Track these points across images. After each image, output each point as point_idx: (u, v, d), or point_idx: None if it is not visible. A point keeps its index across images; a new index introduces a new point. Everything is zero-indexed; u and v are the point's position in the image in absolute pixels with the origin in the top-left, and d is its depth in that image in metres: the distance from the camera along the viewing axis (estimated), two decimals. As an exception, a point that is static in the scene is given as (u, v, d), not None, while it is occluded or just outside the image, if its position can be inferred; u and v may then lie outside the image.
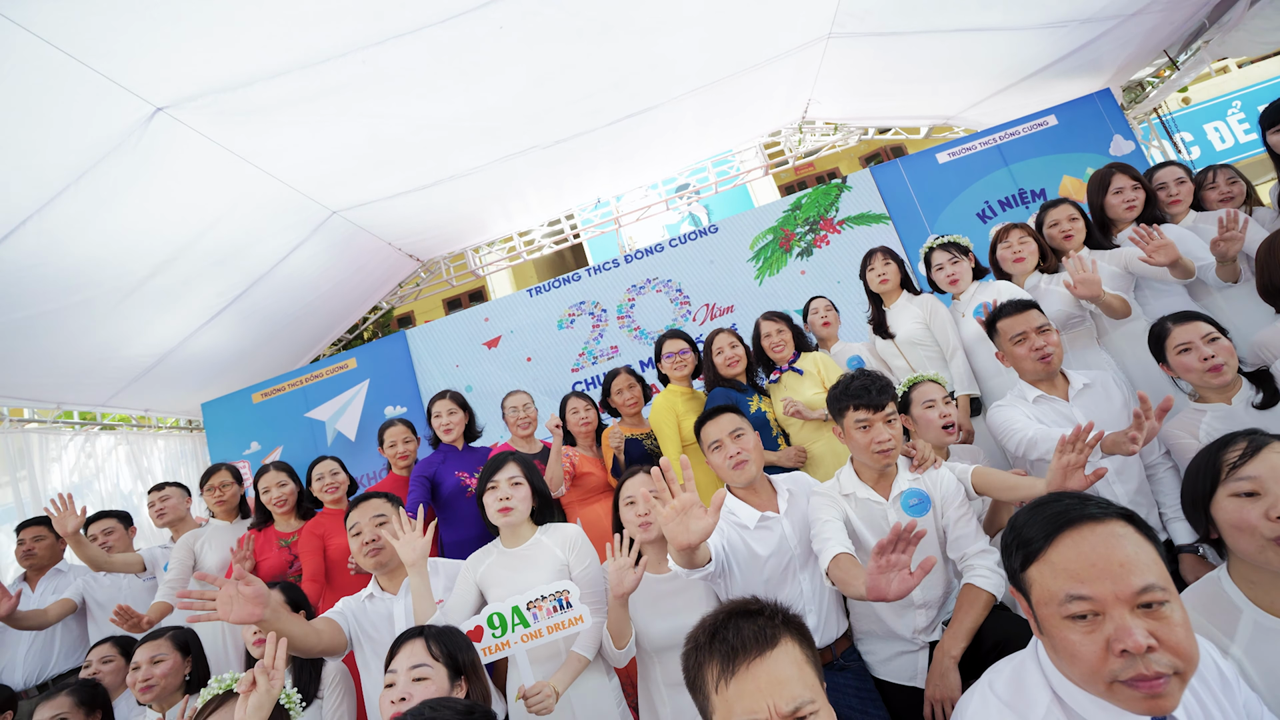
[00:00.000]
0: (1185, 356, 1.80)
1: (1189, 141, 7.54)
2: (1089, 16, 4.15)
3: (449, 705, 1.03)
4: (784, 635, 0.92)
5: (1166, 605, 0.83)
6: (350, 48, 3.13)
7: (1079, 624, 0.86)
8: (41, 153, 3.00)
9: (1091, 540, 0.88)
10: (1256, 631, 1.09)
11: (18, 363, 4.05)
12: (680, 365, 2.85)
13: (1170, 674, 0.81)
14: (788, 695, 0.86)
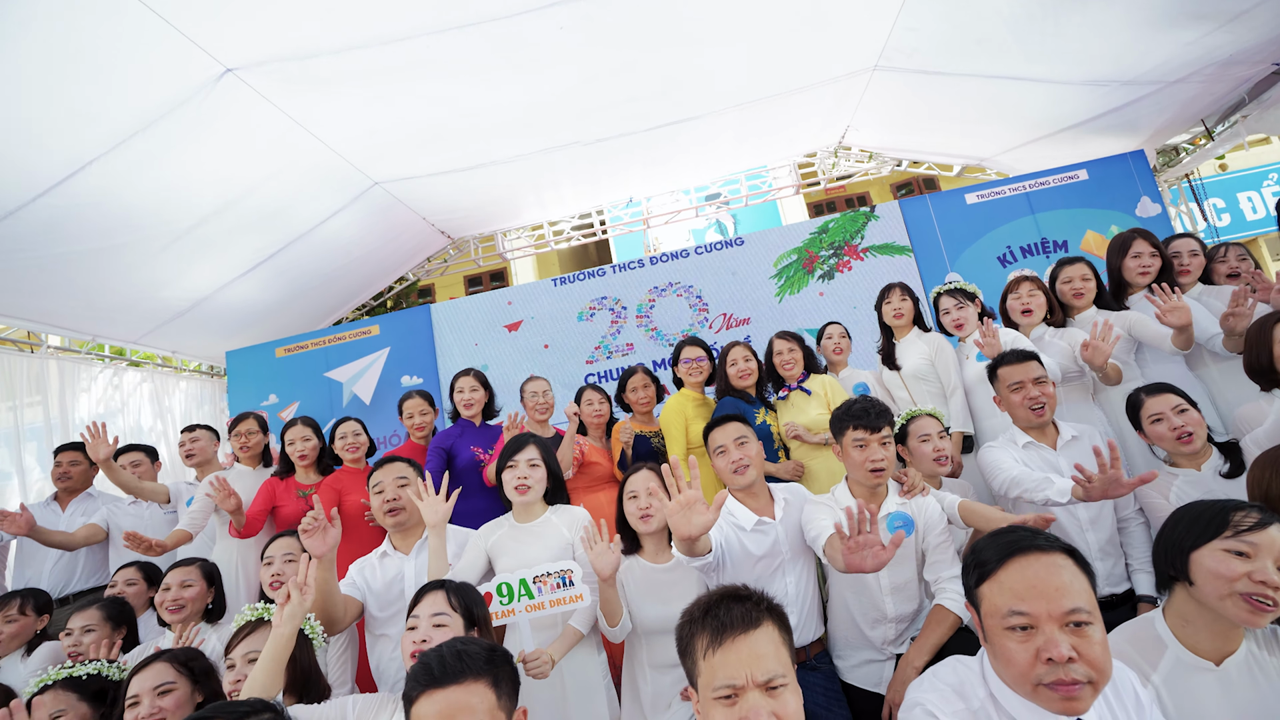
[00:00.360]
0: (1157, 426, 1.96)
1: (1221, 208, 7.63)
2: (1131, 79, 4.27)
3: (476, 642, 1.20)
4: (766, 619, 1.10)
5: (1090, 626, 1.00)
6: (415, 33, 3.31)
7: (1016, 634, 1.03)
8: (116, 100, 3.20)
9: (1035, 567, 1.05)
10: (1176, 666, 1.26)
11: (62, 293, 4.26)
12: (696, 371, 3.02)
13: (1085, 682, 0.98)
14: (764, 668, 1.03)
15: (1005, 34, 4.06)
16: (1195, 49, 3.95)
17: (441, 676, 1.10)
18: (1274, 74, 4.16)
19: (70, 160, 3.37)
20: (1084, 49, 4.09)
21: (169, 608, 2.30)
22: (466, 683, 1.10)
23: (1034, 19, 3.88)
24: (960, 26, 4.06)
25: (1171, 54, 4.02)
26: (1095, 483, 1.59)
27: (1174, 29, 3.82)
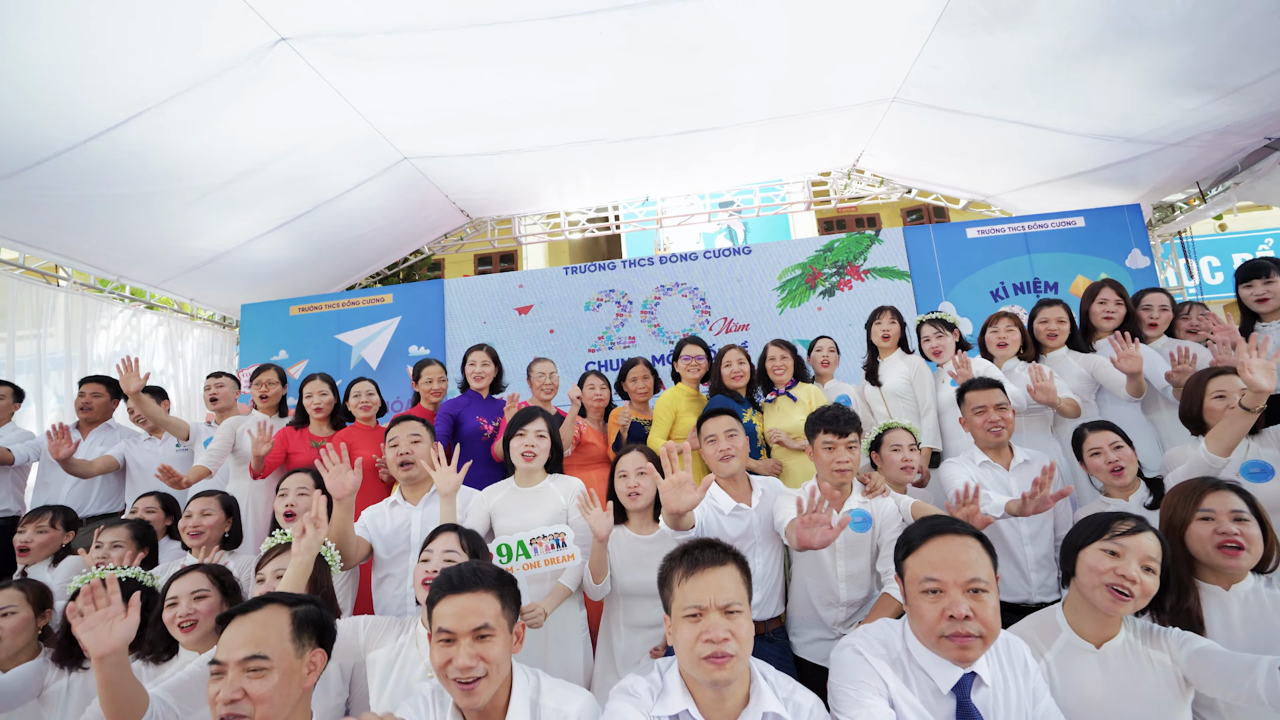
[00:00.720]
0: (1095, 459, 2.22)
1: (1215, 266, 7.92)
2: (1133, 137, 4.54)
3: (489, 565, 1.45)
4: (731, 561, 1.34)
5: (986, 594, 1.26)
6: (464, 24, 3.54)
7: (929, 596, 1.29)
8: (175, 57, 3.42)
9: (949, 545, 1.31)
10: (1066, 647, 1.52)
11: (93, 233, 4.48)
12: (694, 369, 3.28)
13: (977, 636, 1.24)
14: (724, 595, 1.28)
15: (1019, 81, 4.32)
16: (1195, 116, 4.21)
17: (460, 585, 1.35)
18: (1266, 147, 4.43)
19: (123, 109, 3.59)
20: (1092, 104, 4.35)
21: (190, 533, 2.54)
22: (478, 592, 1.34)
23: (1048, 71, 4.13)
24: (978, 69, 4.31)
25: (1173, 118, 4.28)
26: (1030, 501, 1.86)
27: (1176, 95, 4.08)
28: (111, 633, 1.46)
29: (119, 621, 1.48)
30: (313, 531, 1.83)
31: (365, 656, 1.77)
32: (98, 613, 1.48)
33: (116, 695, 1.47)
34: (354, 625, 1.80)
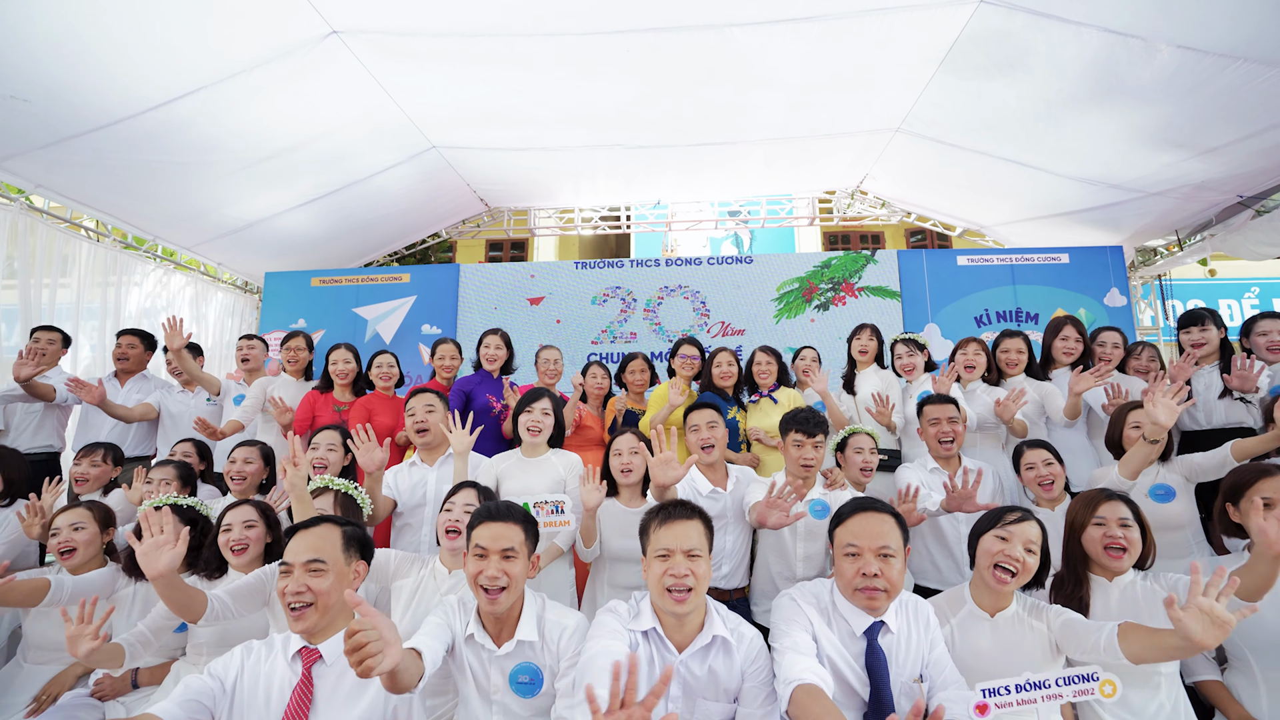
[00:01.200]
0: (1029, 473, 2.58)
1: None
2: (1116, 183, 4.90)
3: (519, 508, 1.80)
4: (697, 518, 1.70)
5: (893, 559, 1.62)
6: (505, 33, 3.88)
7: (849, 558, 1.65)
8: (235, 42, 3.75)
9: (868, 519, 1.67)
10: (967, 615, 1.88)
11: (137, 195, 4.82)
12: (687, 367, 3.64)
13: (883, 590, 1.60)
14: (688, 542, 1.63)
15: (1014, 124, 4.67)
16: (1173, 170, 4.58)
17: (496, 515, 1.71)
18: (1239, 204, 4.79)
19: (181, 86, 3.92)
20: (1079, 150, 4.71)
21: (234, 477, 2.91)
22: (509, 523, 1.70)
23: (1040, 117, 4.49)
24: (977, 110, 4.66)
25: (1153, 170, 4.64)
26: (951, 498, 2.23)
27: (1156, 150, 4.45)
28: (159, 559, 1.77)
29: (167, 549, 1.80)
30: (291, 470, 2.15)
31: (391, 585, 2.14)
32: (151, 540, 1.80)
33: (174, 600, 1.82)
34: (386, 555, 2.17)
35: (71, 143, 4.10)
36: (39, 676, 2.27)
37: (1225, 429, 3.02)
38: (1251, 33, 3.36)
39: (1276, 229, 4.64)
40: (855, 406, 3.50)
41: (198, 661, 2.18)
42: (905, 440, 3.35)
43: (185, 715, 1.46)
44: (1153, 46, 3.59)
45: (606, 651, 1.54)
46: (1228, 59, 3.52)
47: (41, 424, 3.78)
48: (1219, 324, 3.26)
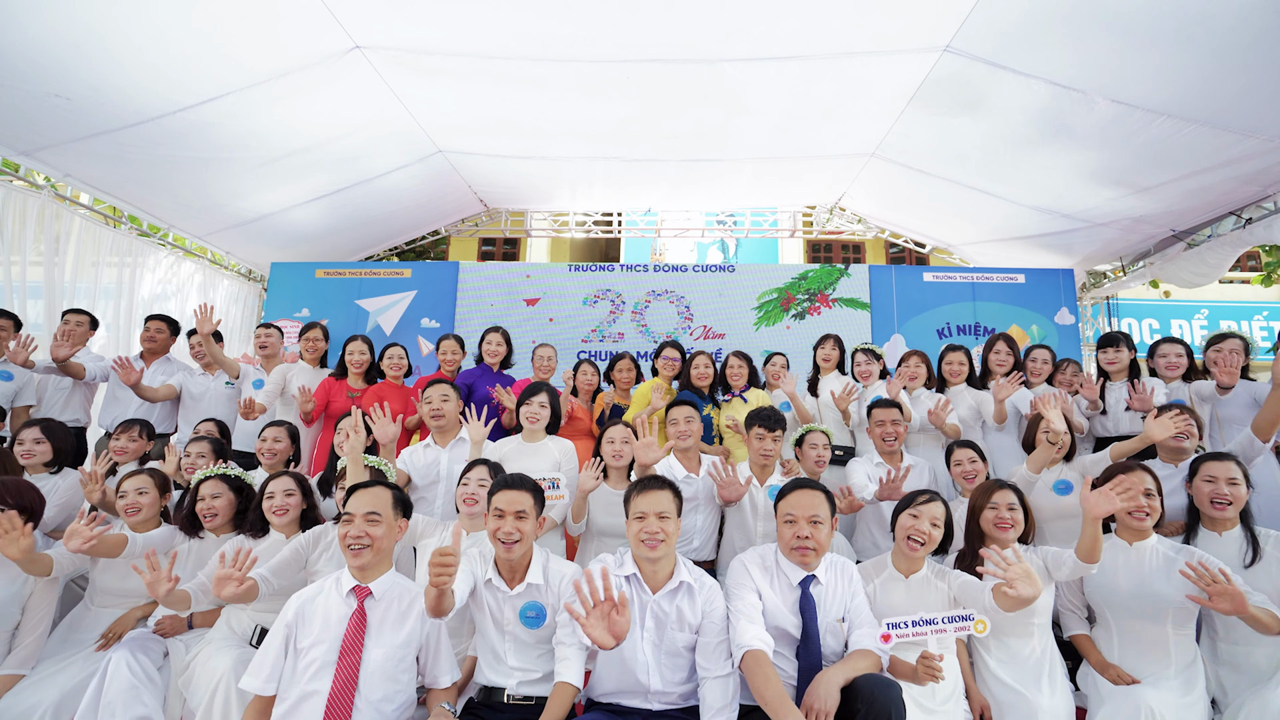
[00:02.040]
0: (956, 468, 3.09)
1: (1155, 329, 8.96)
2: (1067, 214, 5.47)
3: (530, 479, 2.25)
4: (668, 488, 2.16)
5: (820, 525, 2.11)
6: (517, 56, 4.31)
7: (786, 525, 2.14)
8: (266, 53, 4.13)
9: (803, 494, 2.16)
10: (887, 577, 2.39)
11: (157, 186, 5.18)
12: (668, 367, 4.12)
13: (812, 549, 2.09)
14: (659, 506, 2.08)
15: (977, 156, 5.22)
16: (1114, 204, 5.15)
17: (511, 484, 2.17)
18: (1172, 237, 5.38)
19: (211, 90, 4.30)
20: (1034, 183, 5.27)
21: (265, 454, 3.33)
22: (522, 491, 2.16)
23: (998, 151, 5.03)
24: (943, 142, 5.19)
25: (1097, 204, 5.21)
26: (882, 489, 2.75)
27: (1099, 186, 5.01)
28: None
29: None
30: (353, 437, 2.62)
31: (419, 544, 2.59)
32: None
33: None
34: (415, 519, 2.62)
35: (104, 137, 4.46)
36: (105, 617, 2.68)
37: (1130, 435, 3.56)
38: (1174, 94, 3.91)
39: (1205, 260, 5.24)
40: (817, 407, 4.00)
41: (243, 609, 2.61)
42: (859, 436, 3.86)
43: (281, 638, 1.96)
44: (1091, 99, 4.13)
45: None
46: (1155, 114, 4.07)
47: (70, 399, 4.15)
48: (1130, 346, 3.80)
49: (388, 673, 1.98)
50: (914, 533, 2.31)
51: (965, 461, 3.10)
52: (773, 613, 2.14)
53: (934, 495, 2.42)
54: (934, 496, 2.41)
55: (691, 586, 2.11)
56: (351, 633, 2.00)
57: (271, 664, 1.96)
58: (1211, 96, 3.84)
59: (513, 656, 2.13)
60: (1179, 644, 2.36)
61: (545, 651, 2.13)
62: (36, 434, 3.24)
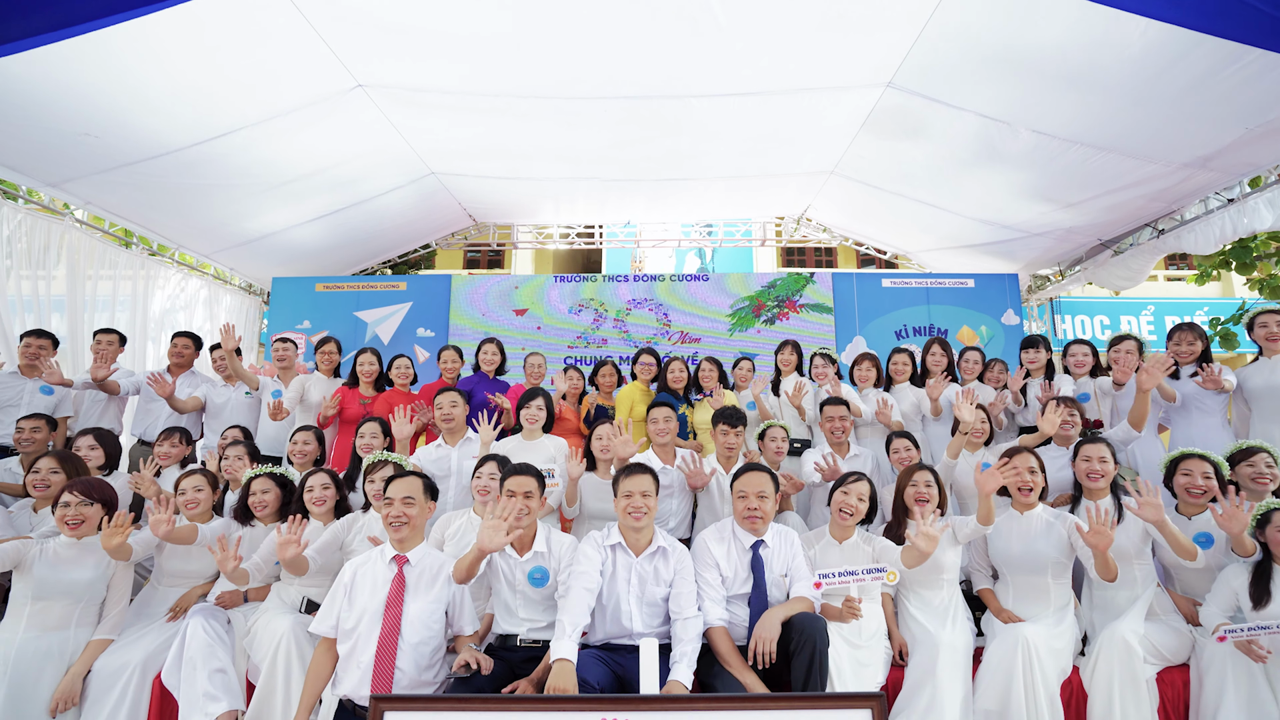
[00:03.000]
0: (895, 455, 3.71)
1: (1105, 324, 9.74)
2: (1008, 225, 6.15)
3: (534, 467, 2.83)
4: (648, 473, 2.75)
5: (767, 499, 2.72)
6: (505, 94, 4.88)
7: (740, 499, 2.75)
8: (276, 92, 4.64)
9: (752, 476, 2.77)
10: (825, 544, 3.01)
11: (168, 211, 5.68)
12: (646, 372, 4.71)
13: (760, 518, 2.70)
14: (641, 486, 2.66)
15: (924, 175, 5.88)
16: (1047, 217, 5.84)
17: (520, 471, 2.73)
18: (1100, 245, 6.10)
19: (225, 125, 4.81)
20: (976, 198, 5.94)
21: (297, 455, 3.87)
22: (528, 476, 2.73)
23: (943, 171, 5.70)
24: (894, 162, 5.85)
25: (1032, 216, 5.90)
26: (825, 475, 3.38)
27: (1032, 202, 5.70)
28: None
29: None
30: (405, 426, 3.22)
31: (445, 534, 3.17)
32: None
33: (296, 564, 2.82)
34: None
35: (124, 169, 4.95)
36: (171, 595, 3.21)
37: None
38: (1084, 127, 4.58)
39: (1129, 265, 5.96)
40: (779, 405, 4.63)
41: (290, 584, 3.15)
42: (815, 430, 4.49)
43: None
44: (1015, 129, 4.80)
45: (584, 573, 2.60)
46: (1070, 142, 4.75)
47: (105, 411, 4.65)
48: (1048, 348, 4.47)
49: (423, 622, 2.55)
50: (844, 506, 2.93)
51: (901, 449, 3.73)
52: (730, 571, 2.75)
53: (861, 476, 3.04)
54: (861, 477, 3.04)
55: (666, 550, 2.71)
56: (394, 591, 2.57)
57: (335, 614, 2.53)
58: (1114, 130, 4.52)
59: (522, 610, 2.72)
60: (1057, 591, 3.01)
61: (549, 605, 2.72)
62: (91, 441, 3.76)
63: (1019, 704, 2.67)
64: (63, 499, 2.95)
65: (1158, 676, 2.82)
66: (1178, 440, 4.01)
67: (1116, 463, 3.18)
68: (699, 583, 2.71)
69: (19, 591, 2.86)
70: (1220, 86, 3.88)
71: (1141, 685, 2.72)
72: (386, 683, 2.39)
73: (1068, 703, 2.79)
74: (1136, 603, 2.95)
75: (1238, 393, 3.88)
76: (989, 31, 4.02)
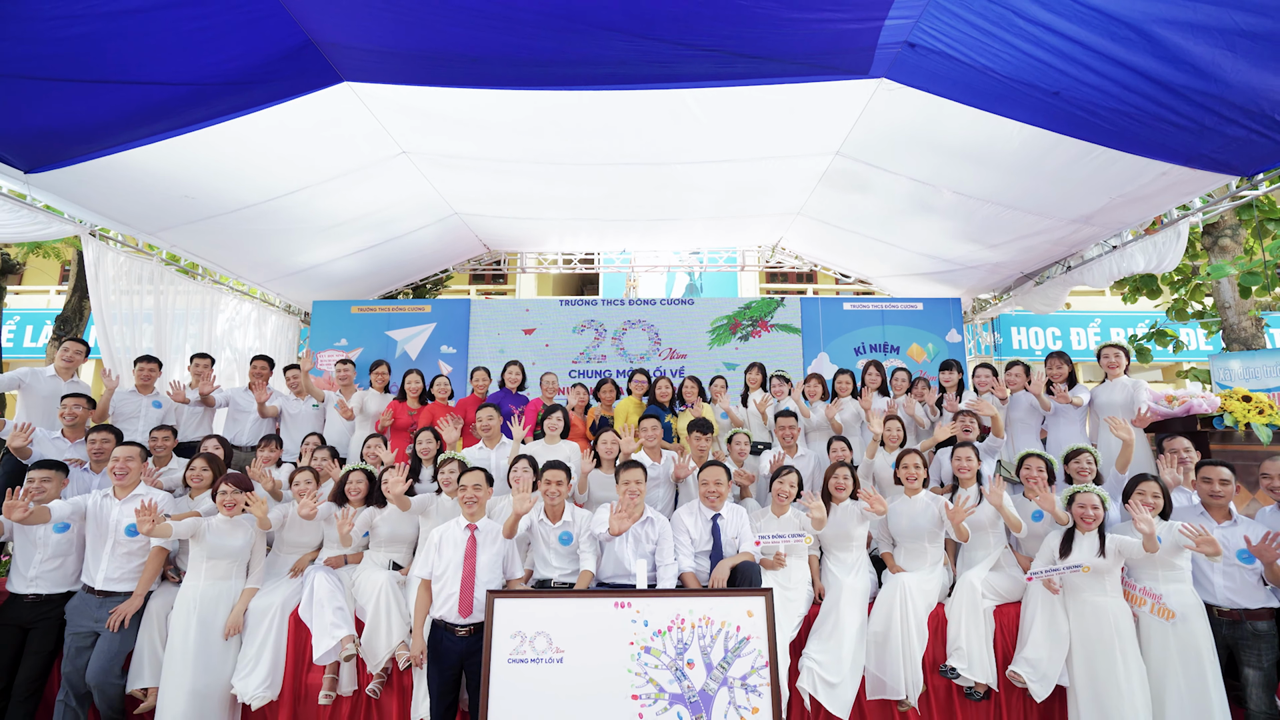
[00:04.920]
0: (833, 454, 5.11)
1: (1057, 335, 11.20)
2: (947, 260, 7.56)
3: (563, 463, 4.18)
4: (640, 467, 4.09)
5: (722, 485, 4.10)
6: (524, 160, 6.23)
7: (702, 485, 4.14)
8: (331, 159, 5.97)
9: (712, 469, 4.15)
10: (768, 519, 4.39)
11: (233, 250, 7.00)
12: (638, 388, 6.09)
13: (718, 497, 4.09)
14: (636, 477, 4.02)
15: (874, 219, 7.28)
16: (976, 255, 7.26)
17: (553, 465, 4.09)
18: (1023, 277, 7.52)
19: (290, 186, 6.13)
20: (918, 238, 7.34)
21: (369, 458, 5.22)
22: (560, 470, 4.07)
23: (889, 217, 7.09)
24: (849, 208, 7.23)
25: (965, 254, 7.31)
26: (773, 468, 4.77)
27: (962, 243, 7.11)
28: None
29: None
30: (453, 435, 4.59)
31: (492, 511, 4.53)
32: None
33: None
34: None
35: (206, 220, 6.28)
36: (289, 560, 4.55)
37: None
38: (990, 190, 5.97)
39: (1047, 294, 7.37)
40: (746, 415, 6.02)
41: (378, 550, 4.51)
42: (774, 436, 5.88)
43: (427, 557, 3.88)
44: (939, 190, 6.20)
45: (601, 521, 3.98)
46: (983, 201, 6.15)
47: (201, 420, 5.99)
48: (960, 370, 5.88)
49: (488, 567, 3.91)
50: (779, 491, 4.33)
51: (839, 449, 5.13)
52: (697, 535, 4.14)
53: (792, 469, 4.43)
54: (791, 470, 4.42)
55: (653, 520, 4.09)
56: (469, 548, 3.94)
57: (429, 565, 3.90)
58: (1014, 194, 5.92)
59: (554, 560, 4.10)
60: (932, 551, 4.40)
61: (572, 557, 4.11)
62: (215, 444, 5.10)
63: (896, 628, 4.06)
64: (221, 488, 4.28)
65: (997, 609, 4.23)
66: (1052, 441, 5.42)
67: (980, 460, 4.59)
68: (675, 542, 4.10)
69: (196, 554, 4.20)
70: (1083, 169, 5.28)
71: (980, 614, 4.12)
72: (469, 607, 3.76)
73: (935, 629, 4.19)
74: (986, 559, 4.36)
75: (1089, 406, 5.29)
76: (907, 123, 5.39)
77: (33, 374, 5.20)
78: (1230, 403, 4.72)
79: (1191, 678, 3.71)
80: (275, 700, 4.08)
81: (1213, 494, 3.97)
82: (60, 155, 5.03)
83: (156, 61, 4.34)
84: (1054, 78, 4.35)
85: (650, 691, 2.87)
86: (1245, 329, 6.99)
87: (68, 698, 3.95)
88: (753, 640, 2.91)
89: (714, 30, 4.31)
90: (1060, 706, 4.02)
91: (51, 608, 4.08)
